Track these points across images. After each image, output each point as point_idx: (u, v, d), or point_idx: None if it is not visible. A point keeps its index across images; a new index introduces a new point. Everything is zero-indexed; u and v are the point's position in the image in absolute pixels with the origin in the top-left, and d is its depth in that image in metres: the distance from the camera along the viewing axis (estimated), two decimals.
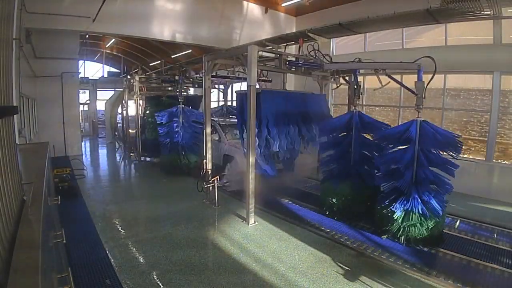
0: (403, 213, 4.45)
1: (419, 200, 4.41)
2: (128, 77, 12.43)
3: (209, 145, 6.49)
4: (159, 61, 15.06)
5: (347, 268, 3.97)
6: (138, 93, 10.44)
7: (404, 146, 4.74)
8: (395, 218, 4.47)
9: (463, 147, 4.93)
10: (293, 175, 7.39)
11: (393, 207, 4.53)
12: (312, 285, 3.59)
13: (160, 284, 3.58)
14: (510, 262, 4.11)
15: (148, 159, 10.98)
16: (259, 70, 6.88)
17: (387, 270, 3.95)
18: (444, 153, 4.64)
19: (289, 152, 6.76)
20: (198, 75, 10.88)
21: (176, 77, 9.75)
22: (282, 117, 6.39)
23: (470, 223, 5.47)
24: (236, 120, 6.83)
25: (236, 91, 7.49)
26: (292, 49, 9.29)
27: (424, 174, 4.48)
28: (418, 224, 4.39)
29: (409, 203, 4.43)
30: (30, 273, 1.10)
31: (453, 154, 4.52)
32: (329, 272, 3.87)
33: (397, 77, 8.84)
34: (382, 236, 4.75)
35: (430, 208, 4.40)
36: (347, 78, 7.56)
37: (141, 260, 4.10)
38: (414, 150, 4.55)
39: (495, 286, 3.60)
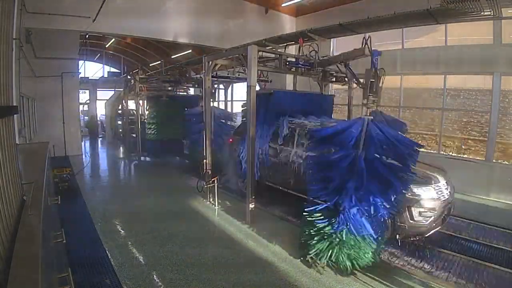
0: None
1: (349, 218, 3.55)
2: (128, 77, 12.44)
3: (208, 145, 6.50)
4: (159, 61, 15.06)
5: (347, 267, 3.96)
6: (138, 93, 10.45)
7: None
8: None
9: (463, 147, 4.80)
10: None
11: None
12: (313, 285, 3.59)
13: (160, 283, 3.58)
14: None
15: (147, 159, 10.99)
16: (259, 71, 6.86)
17: (387, 269, 3.94)
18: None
19: None
20: (198, 76, 10.89)
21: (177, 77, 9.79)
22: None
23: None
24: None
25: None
26: (292, 49, 9.28)
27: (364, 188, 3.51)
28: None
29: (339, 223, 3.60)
30: (30, 272, 1.10)
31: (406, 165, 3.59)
32: (330, 271, 3.87)
33: (397, 77, 8.91)
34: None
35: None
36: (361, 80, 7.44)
37: (141, 259, 4.10)
38: (356, 156, 3.59)
39: None
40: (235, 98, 15.55)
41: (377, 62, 3.99)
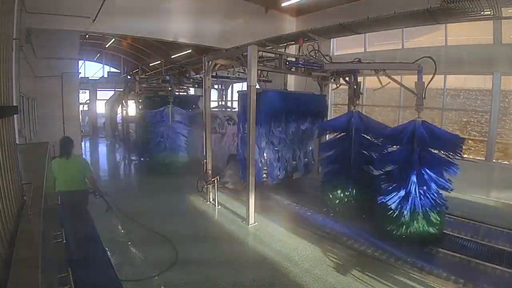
0: (406, 211, 4.46)
1: (418, 197, 4.44)
2: (128, 77, 12.43)
3: (209, 145, 6.49)
4: (159, 61, 15.05)
5: (348, 267, 3.97)
6: (138, 93, 10.43)
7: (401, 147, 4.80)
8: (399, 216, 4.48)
9: (463, 147, 4.88)
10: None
11: (394, 205, 4.51)
12: (313, 285, 3.59)
13: (160, 284, 3.58)
14: None
15: (147, 159, 10.96)
16: (259, 71, 6.87)
17: (387, 269, 3.94)
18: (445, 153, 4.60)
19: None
20: (198, 76, 10.89)
21: (167, 77, 9.82)
22: (282, 117, 6.40)
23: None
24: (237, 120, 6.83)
25: (238, 91, 7.50)
26: (292, 49, 9.29)
27: (421, 174, 4.46)
28: (420, 221, 4.42)
29: (409, 202, 4.44)
30: (30, 273, 1.10)
31: (453, 155, 4.48)
32: (330, 271, 3.87)
33: (397, 77, 8.90)
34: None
35: (428, 205, 4.44)
36: (347, 78, 7.56)
37: (141, 259, 4.10)
38: (412, 150, 4.54)
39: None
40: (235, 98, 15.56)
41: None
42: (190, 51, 14.62)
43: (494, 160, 7.28)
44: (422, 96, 4.76)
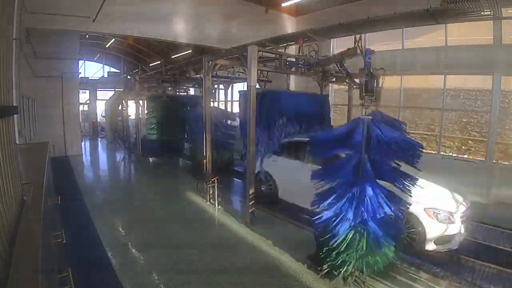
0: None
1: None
2: (128, 77, 12.44)
3: (209, 145, 6.50)
4: (159, 61, 15.05)
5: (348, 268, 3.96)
6: (138, 93, 10.45)
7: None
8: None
9: (463, 147, 4.78)
10: None
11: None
12: (314, 285, 3.59)
13: (160, 284, 3.58)
14: None
15: (147, 159, 10.98)
16: (259, 71, 6.88)
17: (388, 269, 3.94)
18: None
19: None
20: (198, 76, 10.89)
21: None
22: (284, 117, 6.32)
23: None
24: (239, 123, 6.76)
25: (239, 91, 7.46)
26: (292, 49, 9.29)
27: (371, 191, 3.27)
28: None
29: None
30: (30, 272, 1.10)
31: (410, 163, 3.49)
32: (330, 271, 3.85)
33: (397, 77, 8.92)
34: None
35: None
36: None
37: (141, 260, 4.10)
38: (359, 159, 3.35)
39: None
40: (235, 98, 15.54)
41: (369, 60, 3.92)
42: (190, 51, 14.62)
43: (494, 161, 7.28)
44: (368, 87, 3.85)
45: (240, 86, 13.05)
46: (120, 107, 13.97)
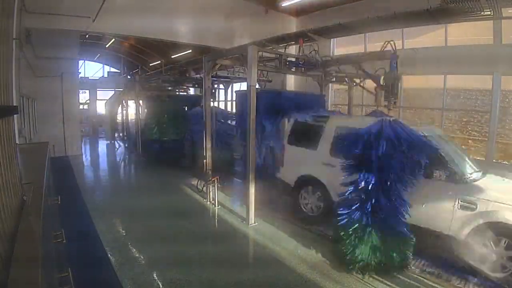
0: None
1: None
2: (128, 77, 12.44)
3: (208, 145, 6.50)
4: (159, 61, 15.05)
5: (349, 268, 3.96)
6: (138, 93, 10.45)
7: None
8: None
9: (463, 147, 4.77)
10: None
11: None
12: (313, 285, 3.59)
13: (160, 283, 3.58)
14: None
15: (148, 159, 10.98)
16: (259, 71, 6.88)
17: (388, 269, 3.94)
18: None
19: None
20: (198, 76, 10.89)
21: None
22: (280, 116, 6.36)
23: None
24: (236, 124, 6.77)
25: (235, 91, 7.48)
26: (292, 49, 9.29)
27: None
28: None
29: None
30: (30, 272, 1.10)
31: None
32: (331, 272, 3.86)
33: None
34: None
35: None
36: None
37: (141, 259, 4.10)
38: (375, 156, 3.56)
39: None
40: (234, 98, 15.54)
41: (395, 65, 4.22)
42: (190, 51, 14.62)
43: (494, 160, 7.28)
44: (395, 90, 4.05)
45: (240, 86, 13.06)
46: (120, 107, 13.98)
